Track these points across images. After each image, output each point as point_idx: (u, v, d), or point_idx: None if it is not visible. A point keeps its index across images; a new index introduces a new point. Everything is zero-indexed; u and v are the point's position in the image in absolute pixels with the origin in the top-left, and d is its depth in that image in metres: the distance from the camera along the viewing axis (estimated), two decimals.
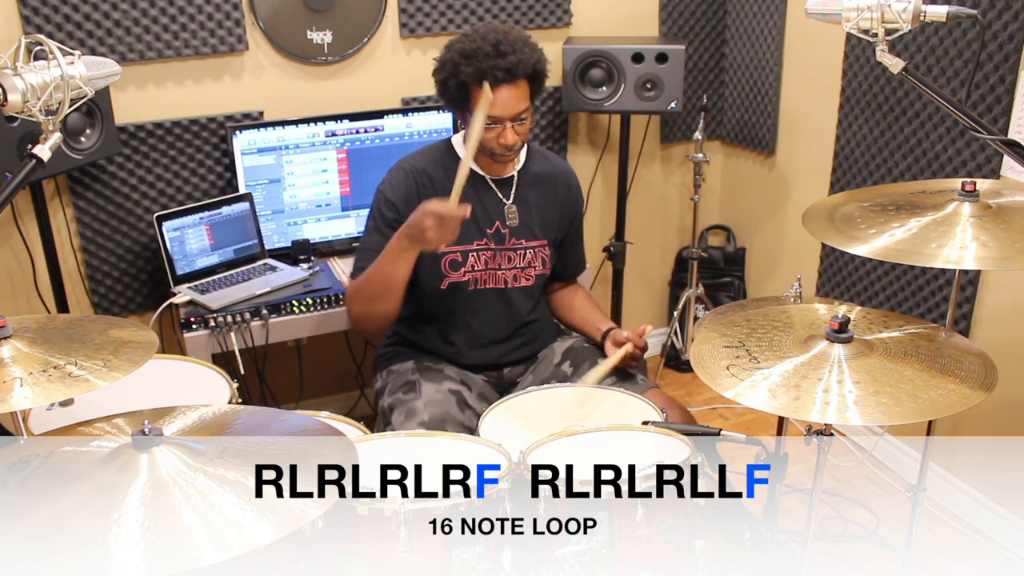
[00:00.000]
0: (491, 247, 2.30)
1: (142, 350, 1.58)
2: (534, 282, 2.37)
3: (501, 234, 2.30)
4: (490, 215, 2.28)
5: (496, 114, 2.10)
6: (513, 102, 2.11)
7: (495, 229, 2.29)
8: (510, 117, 2.12)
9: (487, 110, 2.03)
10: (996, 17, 2.40)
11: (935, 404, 1.52)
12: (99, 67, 1.62)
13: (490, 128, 2.13)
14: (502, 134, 2.14)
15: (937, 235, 1.74)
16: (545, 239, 2.35)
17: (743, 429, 3.14)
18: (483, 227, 2.28)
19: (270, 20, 2.82)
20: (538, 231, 2.34)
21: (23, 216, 2.67)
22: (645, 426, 1.83)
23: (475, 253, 2.28)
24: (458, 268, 2.28)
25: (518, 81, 2.10)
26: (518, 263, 2.33)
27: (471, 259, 2.29)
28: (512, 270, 2.33)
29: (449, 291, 2.29)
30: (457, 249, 2.25)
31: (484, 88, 2.05)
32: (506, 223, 2.29)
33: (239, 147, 2.80)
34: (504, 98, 2.09)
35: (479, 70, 2.06)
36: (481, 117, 2.03)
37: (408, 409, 2.14)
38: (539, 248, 2.35)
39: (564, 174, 2.42)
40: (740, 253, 3.65)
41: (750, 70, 3.37)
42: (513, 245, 2.32)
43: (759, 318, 1.83)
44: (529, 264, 2.34)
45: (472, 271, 2.29)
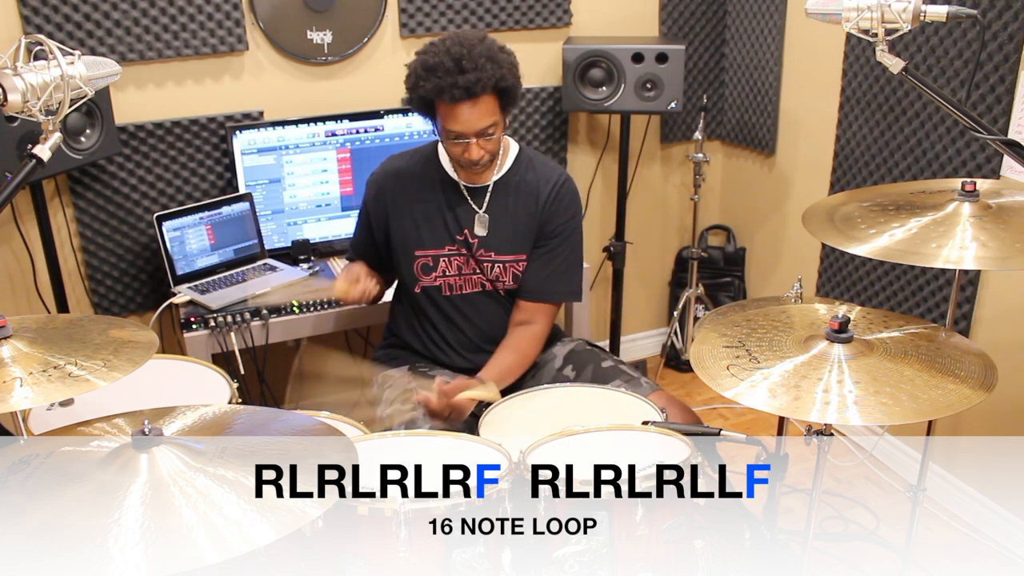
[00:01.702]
0: (462, 252, 2.26)
1: (142, 350, 1.58)
2: (504, 295, 2.30)
3: (469, 243, 2.25)
4: (460, 222, 2.24)
5: (457, 130, 2.07)
6: (475, 119, 2.05)
7: (464, 237, 2.25)
8: (473, 133, 2.07)
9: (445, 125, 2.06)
10: (996, 17, 2.40)
11: (935, 404, 1.52)
12: (99, 67, 1.62)
13: (455, 143, 2.10)
14: (467, 149, 2.10)
15: (937, 235, 1.74)
16: (522, 253, 2.26)
17: (743, 429, 3.14)
18: (452, 233, 2.24)
19: (270, 20, 2.82)
20: (512, 245, 2.25)
21: (23, 216, 2.67)
22: (645, 426, 1.83)
23: (446, 258, 2.26)
24: (429, 273, 2.27)
25: (480, 97, 2.03)
26: (487, 275, 2.28)
27: (442, 264, 2.26)
28: (483, 278, 2.28)
29: (424, 295, 2.29)
30: (428, 253, 2.25)
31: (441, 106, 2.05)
32: (474, 232, 2.24)
33: (239, 147, 2.80)
34: (465, 115, 2.04)
35: (438, 87, 2.02)
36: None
37: (408, 421, 2.12)
38: (511, 263, 2.26)
39: (551, 184, 2.26)
40: (740, 253, 3.65)
41: (750, 70, 3.37)
42: (480, 256, 2.25)
43: (759, 318, 1.83)
44: (498, 278, 2.27)
45: (444, 276, 2.27)
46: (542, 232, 2.26)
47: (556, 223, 2.26)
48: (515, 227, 2.25)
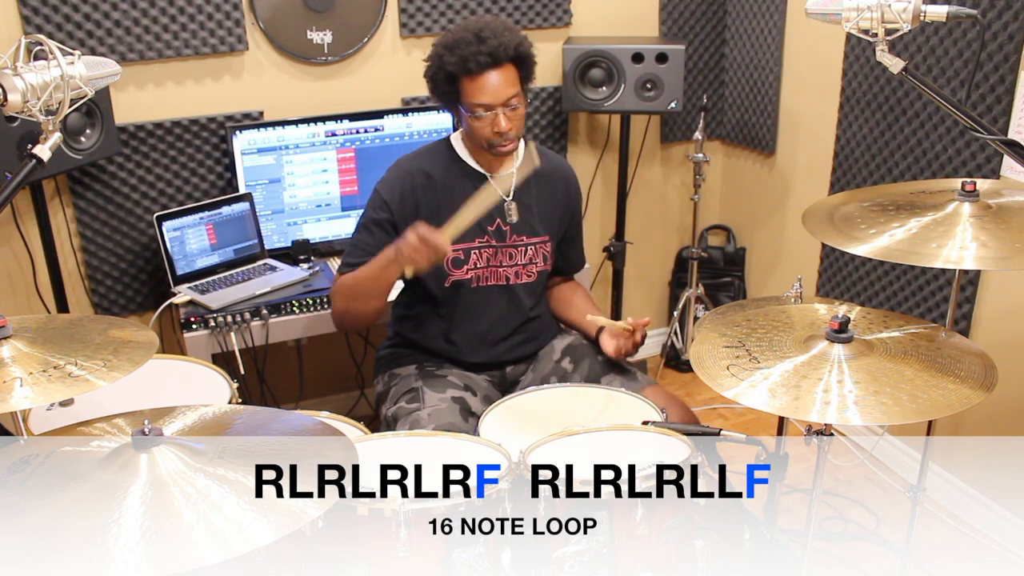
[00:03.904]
0: (492, 244, 2.30)
1: (142, 350, 1.58)
2: (536, 278, 2.37)
3: (502, 231, 2.30)
4: (491, 213, 2.26)
5: (485, 101, 2.11)
6: (501, 86, 2.11)
7: (496, 227, 2.29)
8: (500, 103, 2.12)
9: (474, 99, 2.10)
10: (996, 17, 2.40)
11: (935, 404, 1.52)
12: (99, 67, 1.62)
13: (482, 117, 2.13)
14: (495, 121, 2.13)
15: (937, 235, 1.74)
16: (547, 235, 2.36)
17: (743, 429, 3.14)
18: (484, 225, 2.27)
19: (270, 20, 2.82)
20: (539, 227, 2.34)
21: (23, 216, 2.67)
22: (645, 426, 1.83)
23: (477, 251, 2.29)
24: (460, 266, 2.28)
25: (503, 65, 2.11)
26: (520, 260, 2.33)
27: (473, 257, 2.29)
28: (514, 267, 2.33)
29: (453, 289, 2.30)
30: (459, 247, 2.26)
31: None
32: (507, 220, 2.29)
33: (239, 147, 2.80)
34: (491, 83, 2.10)
35: (462, 58, 2.08)
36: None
37: (412, 420, 2.13)
38: (540, 244, 2.35)
39: (563, 171, 2.42)
40: (740, 253, 3.65)
41: (750, 70, 3.37)
42: (514, 242, 2.32)
43: (759, 318, 1.83)
44: (531, 260, 2.34)
45: (474, 268, 2.30)
46: (570, 216, 2.43)
47: (575, 206, 2.47)
48: (542, 210, 2.34)
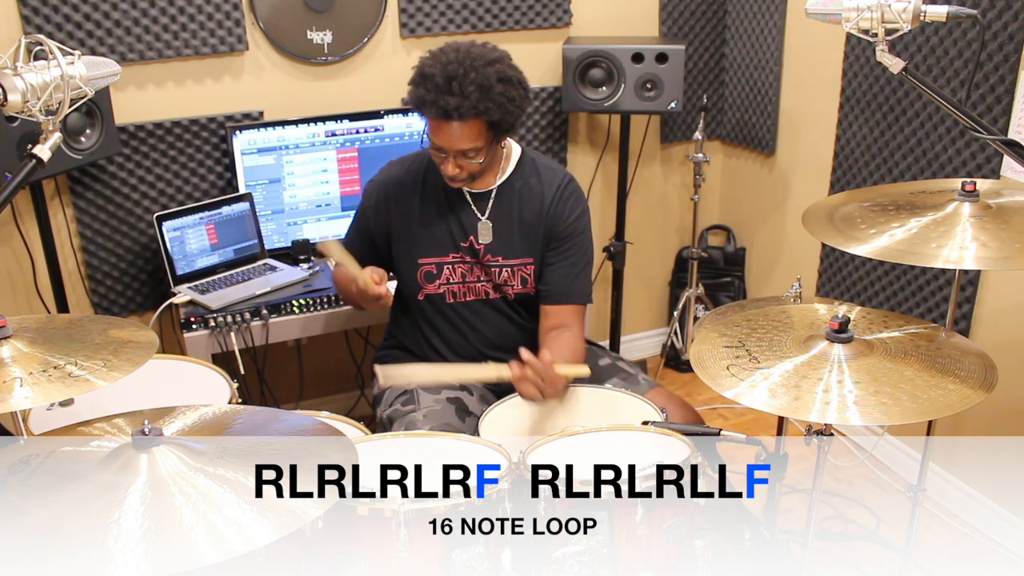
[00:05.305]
0: (467, 260, 2.24)
1: (142, 350, 1.58)
2: (513, 300, 2.27)
3: (475, 249, 2.23)
4: (464, 229, 2.22)
5: (438, 144, 2.04)
6: (454, 139, 2.01)
7: (469, 244, 2.22)
8: (453, 151, 2.04)
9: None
10: (996, 17, 2.40)
11: (935, 404, 1.52)
12: (99, 67, 1.62)
13: (435, 153, 2.09)
14: (444, 163, 2.08)
15: (937, 235, 1.74)
16: (529, 257, 2.23)
17: (743, 429, 3.14)
18: (457, 241, 2.22)
19: (270, 20, 2.82)
20: (518, 249, 2.22)
21: (23, 216, 2.67)
22: (645, 426, 1.83)
23: (450, 266, 2.23)
24: (433, 280, 2.25)
25: (466, 120, 1.98)
26: (495, 279, 2.25)
27: (446, 271, 2.24)
28: (491, 283, 2.26)
29: (427, 303, 2.27)
30: (432, 261, 2.23)
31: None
32: (479, 239, 2.22)
33: (239, 147, 2.80)
34: (443, 132, 2.01)
35: (422, 99, 1.99)
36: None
37: (407, 421, 2.12)
38: (519, 267, 2.23)
39: (555, 187, 2.22)
40: (740, 253, 3.65)
41: (750, 70, 3.37)
42: (487, 262, 2.23)
43: (759, 318, 1.83)
44: (505, 283, 2.24)
45: (448, 284, 2.25)
46: (552, 235, 2.22)
47: (564, 224, 2.22)
48: (521, 231, 2.22)
